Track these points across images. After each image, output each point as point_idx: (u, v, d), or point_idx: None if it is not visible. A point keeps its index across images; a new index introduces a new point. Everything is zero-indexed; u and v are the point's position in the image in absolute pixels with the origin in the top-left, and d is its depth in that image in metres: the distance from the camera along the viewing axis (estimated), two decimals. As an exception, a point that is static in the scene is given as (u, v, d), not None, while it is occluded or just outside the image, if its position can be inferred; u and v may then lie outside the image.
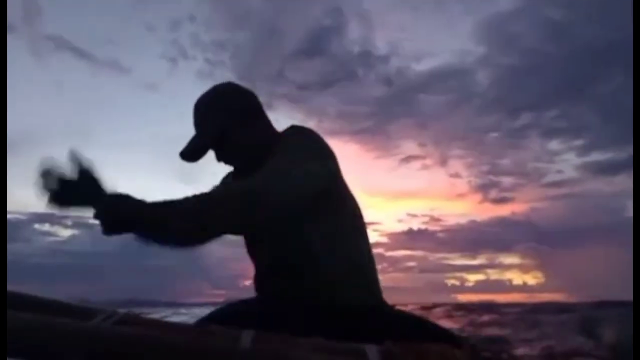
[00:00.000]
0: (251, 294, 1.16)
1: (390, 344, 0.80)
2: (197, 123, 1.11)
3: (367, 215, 1.16)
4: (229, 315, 1.09)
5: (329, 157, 1.06)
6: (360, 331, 0.89)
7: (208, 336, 0.75)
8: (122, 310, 0.77)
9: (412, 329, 0.99)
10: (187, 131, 1.20)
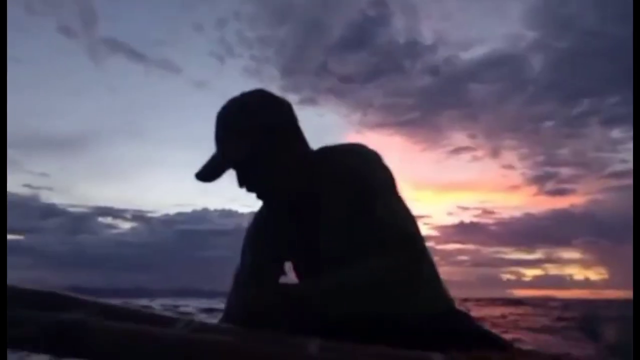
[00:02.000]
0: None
1: (455, 352, 0.81)
2: (220, 139, 0.98)
3: (416, 208, 1.11)
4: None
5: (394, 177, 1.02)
6: (425, 339, 0.89)
7: (277, 344, 0.78)
8: (197, 319, 0.82)
9: (476, 339, 0.95)
10: None
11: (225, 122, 0.98)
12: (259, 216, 1.13)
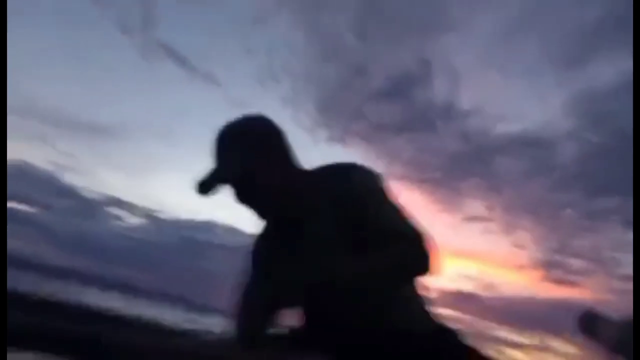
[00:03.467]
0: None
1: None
2: (219, 155, 1.03)
3: None
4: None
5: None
6: (417, 356, 0.94)
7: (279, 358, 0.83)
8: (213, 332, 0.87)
9: (465, 356, 1.00)
10: None
11: (224, 138, 1.03)
12: (264, 235, 1.13)
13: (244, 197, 1.03)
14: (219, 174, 1.00)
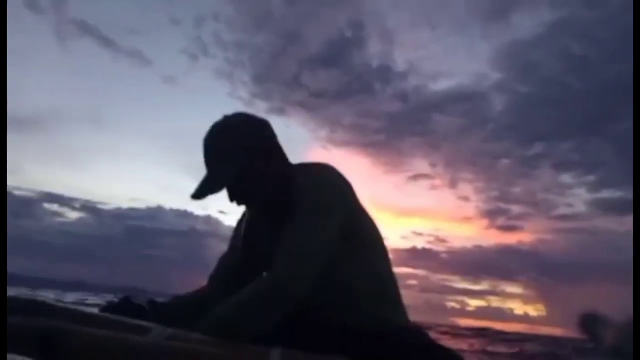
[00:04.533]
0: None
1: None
2: (209, 162, 1.06)
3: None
4: None
5: (345, 202, 1.05)
6: (380, 352, 0.97)
7: (240, 352, 0.84)
8: (170, 330, 0.88)
9: (427, 353, 1.02)
10: (200, 126, 1.12)
11: (212, 147, 1.06)
12: (246, 216, 1.23)
13: (238, 196, 1.07)
14: (215, 181, 1.03)
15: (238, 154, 1.04)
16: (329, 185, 1.04)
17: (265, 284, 0.94)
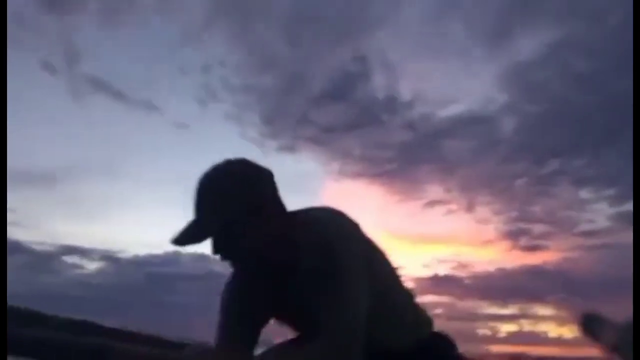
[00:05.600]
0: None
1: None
2: (199, 207, 0.96)
3: (394, 257, 1.14)
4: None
5: (364, 253, 1.02)
6: None
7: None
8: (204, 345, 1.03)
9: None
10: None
11: (206, 191, 0.97)
12: (236, 275, 1.11)
13: (224, 250, 0.97)
14: (199, 229, 0.95)
15: (230, 202, 0.94)
16: (346, 241, 0.99)
17: (318, 349, 0.93)
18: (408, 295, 1.17)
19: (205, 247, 0.96)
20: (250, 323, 1.09)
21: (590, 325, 1.30)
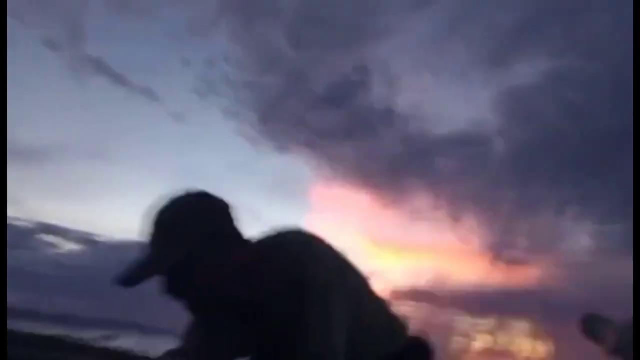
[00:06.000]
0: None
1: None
2: (153, 242, 0.90)
3: (375, 265, 1.15)
4: None
5: (338, 277, 0.97)
6: None
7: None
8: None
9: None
10: (207, 162, 1.04)
11: (161, 225, 0.91)
12: (196, 321, 1.02)
13: (175, 287, 0.90)
14: (148, 266, 0.88)
15: (183, 235, 0.89)
16: (325, 260, 0.97)
17: None
18: (381, 303, 1.14)
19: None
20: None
21: (591, 326, 1.29)
